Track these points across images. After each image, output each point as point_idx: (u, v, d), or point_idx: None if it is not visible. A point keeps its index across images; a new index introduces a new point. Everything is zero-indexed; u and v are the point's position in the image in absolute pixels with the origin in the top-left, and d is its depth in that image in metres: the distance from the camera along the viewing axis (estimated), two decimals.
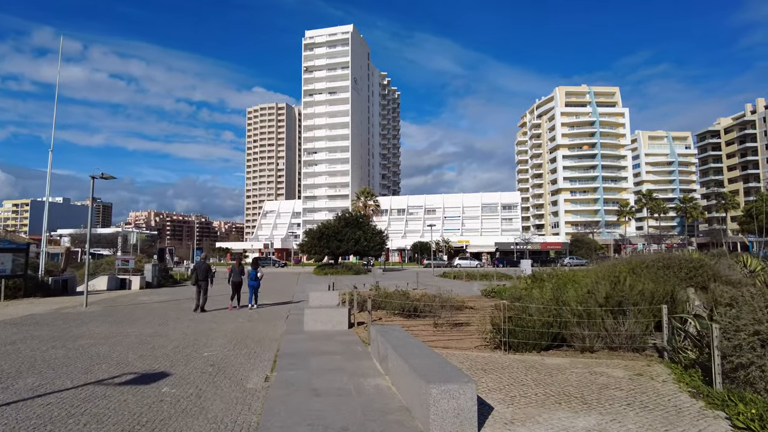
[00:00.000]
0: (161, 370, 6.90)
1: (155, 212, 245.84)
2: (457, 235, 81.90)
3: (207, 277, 14.70)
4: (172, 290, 23.78)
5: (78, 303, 16.33)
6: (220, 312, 14.66)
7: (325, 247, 42.75)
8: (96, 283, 23.71)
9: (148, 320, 12.61)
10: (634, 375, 6.49)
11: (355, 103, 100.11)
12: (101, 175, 15.76)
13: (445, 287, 23.75)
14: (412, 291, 19.94)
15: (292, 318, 12.82)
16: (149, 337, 9.92)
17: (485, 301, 16.71)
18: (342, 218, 44.46)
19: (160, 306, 16.44)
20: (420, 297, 14.99)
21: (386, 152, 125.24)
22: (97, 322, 12.10)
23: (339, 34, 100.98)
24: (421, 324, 11.33)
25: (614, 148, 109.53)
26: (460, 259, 63.50)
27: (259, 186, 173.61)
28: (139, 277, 23.74)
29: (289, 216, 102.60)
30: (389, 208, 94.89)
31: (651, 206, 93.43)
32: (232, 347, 8.78)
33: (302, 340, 9.38)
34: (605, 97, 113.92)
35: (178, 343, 9.23)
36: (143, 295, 20.90)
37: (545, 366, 7.07)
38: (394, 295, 15.93)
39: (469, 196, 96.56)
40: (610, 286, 9.37)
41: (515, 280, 26.22)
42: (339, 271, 40.89)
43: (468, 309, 14.73)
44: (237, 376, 6.59)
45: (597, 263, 29.42)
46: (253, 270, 15.37)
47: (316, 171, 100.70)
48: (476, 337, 9.48)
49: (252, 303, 15.53)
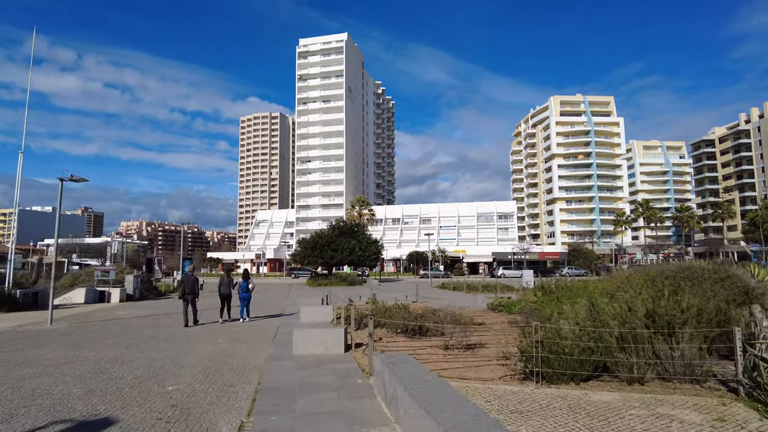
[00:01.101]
0: (106, 415, 5.38)
1: (147, 222, 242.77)
2: (453, 244, 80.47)
3: (194, 290, 13.87)
4: (155, 304, 22.11)
5: (43, 319, 14.69)
6: (206, 327, 13.14)
7: (319, 257, 41.13)
8: (73, 295, 22.04)
9: (116, 340, 11.04)
10: (714, 420, 5.06)
11: (350, 112, 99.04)
12: (71, 177, 14.25)
13: (447, 300, 22.32)
14: (412, 304, 18.46)
15: (280, 338, 11.30)
16: (109, 363, 8.37)
17: (494, 317, 15.26)
18: (336, 227, 42.92)
19: (136, 322, 14.85)
20: (423, 312, 13.54)
21: (381, 161, 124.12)
22: (55, 344, 10.51)
23: (333, 43, 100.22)
24: (428, 346, 9.85)
25: (609, 158, 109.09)
26: (504, 269, 59.28)
27: (252, 195, 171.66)
28: (119, 289, 22.04)
29: (282, 225, 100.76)
30: (384, 217, 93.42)
31: (648, 215, 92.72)
32: (204, 378, 7.25)
33: (290, 368, 7.88)
34: (600, 106, 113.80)
35: (142, 372, 7.69)
36: (121, 309, 19.27)
37: (593, 405, 5.63)
38: (394, 310, 14.48)
39: (465, 206, 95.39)
40: (652, 302, 7.98)
41: (520, 291, 24.82)
42: (333, 282, 39.30)
43: (478, 326, 13.26)
44: (202, 425, 5.09)
45: (603, 274, 28.22)
46: (244, 282, 14.76)
47: (309, 180, 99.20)
48: (496, 364, 8.04)
49: (244, 316, 14.85)
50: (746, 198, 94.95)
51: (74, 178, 14.24)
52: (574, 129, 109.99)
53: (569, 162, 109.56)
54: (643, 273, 17.91)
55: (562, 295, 16.00)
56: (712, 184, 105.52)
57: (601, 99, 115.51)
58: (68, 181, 14.32)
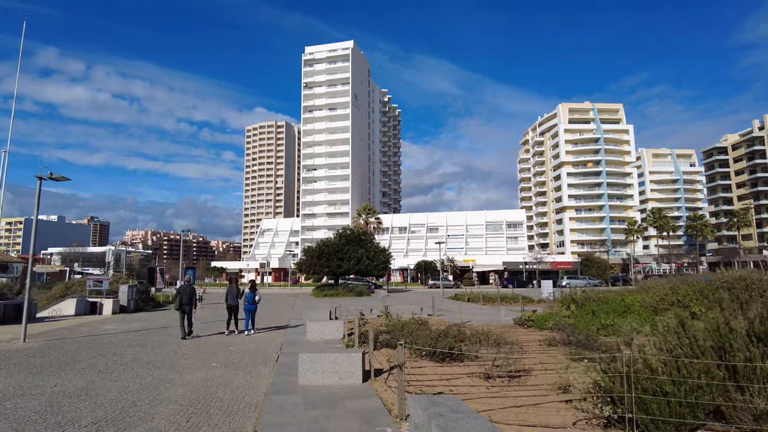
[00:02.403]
0: None
1: (152, 231, 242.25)
2: (461, 254, 78.56)
3: (192, 301, 13.30)
4: (150, 316, 20.46)
5: (17, 335, 13.06)
6: (202, 341, 11.48)
7: (325, 266, 39.41)
8: (63, 307, 20.48)
9: (90, 363, 9.38)
10: None
11: (356, 120, 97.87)
12: (50, 175, 12.72)
13: (465, 313, 20.51)
14: (427, 318, 16.71)
15: (284, 360, 9.60)
16: (69, 397, 6.69)
17: (526, 334, 13.47)
18: (343, 235, 41.24)
19: (122, 338, 13.20)
20: (447, 329, 11.81)
21: (387, 169, 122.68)
22: (15, 368, 8.85)
23: (339, 50, 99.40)
24: (463, 374, 8.12)
25: (619, 166, 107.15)
26: (569, 279, 53.98)
27: (257, 204, 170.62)
28: (112, 300, 20.44)
29: (287, 234, 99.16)
30: (390, 226, 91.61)
31: (660, 224, 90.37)
32: (184, 422, 5.57)
33: (296, 406, 6.18)
34: (609, 113, 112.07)
35: (105, 411, 6.02)
36: (111, 323, 17.62)
37: None
38: (413, 326, 12.76)
39: (473, 214, 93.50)
40: (761, 323, 6.23)
41: (544, 303, 23.00)
42: (340, 293, 37.56)
43: (509, 345, 11.50)
44: None
45: (619, 284, 26.14)
46: (251, 293, 14.17)
47: (315, 188, 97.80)
48: (556, 400, 6.32)
49: (249, 329, 14.18)
50: (761, 206, 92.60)
51: (54, 177, 12.71)
52: (583, 137, 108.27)
53: (578, 170, 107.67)
54: (686, 284, 16.12)
55: (599, 309, 14.25)
56: (726, 192, 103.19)
57: (610, 106, 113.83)
58: (48, 180, 12.79)
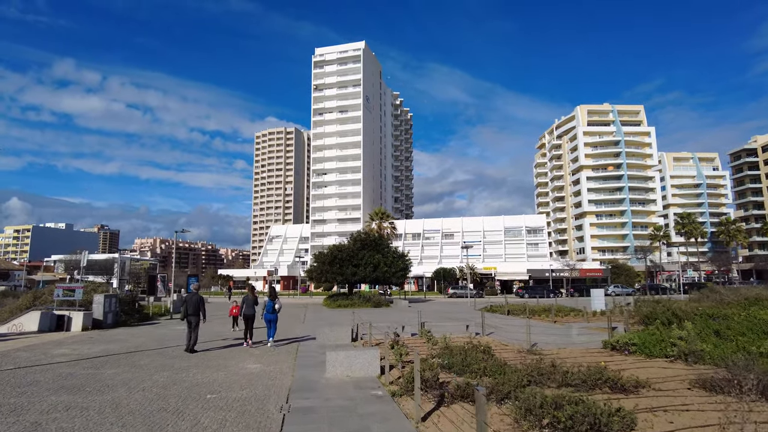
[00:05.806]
0: None
1: (161, 239, 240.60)
2: (479, 261, 74.52)
3: (198, 311, 12.13)
4: (128, 333, 16.70)
5: None
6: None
7: (338, 274, 35.71)
8: (24, 321, 17.05)
9: None
10: None
11: (367, 123, 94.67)
12: None
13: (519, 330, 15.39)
14: (478, 339, 12.71)
15: (297, 405, 5.96)
16: None
17: (640, 366, 9.62)
18: (358, 239, 37.61)
19: (61, 373, 9.54)
20: (530, 361, 8.12)
21: (399, 174, 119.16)
22: None
23: (350, 51, 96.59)
24: None
25: (641, 169, 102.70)
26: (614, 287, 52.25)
27: (266, 211, 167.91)
28: (83, 313, 16.93)
29: (297, 241, 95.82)
30: (404, 232, 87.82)
31: (689, 229, 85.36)
32: None
33: None
34: (629, 115, 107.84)
35: None
36: (70, 344, 13.73)
37: None
38: (473, 353, 9.11)
39: (490, 220, 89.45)
40: None
41: (602, 317, 19.07)
42: (354, 303, 33.88)
43: (646, 390, 7.64)
44: None
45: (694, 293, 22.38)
46: (270, 301, 13.16)
47: (325, 193, 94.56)
48: None
49: (270, 340, 13.28)
50: None
51: None
52: (603, 139, 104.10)
53: (598, 174, 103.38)
54: None
55: (734, 331, 10.38)
56: (756, 196, 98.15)
57: (631, 108, 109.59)
58: None
